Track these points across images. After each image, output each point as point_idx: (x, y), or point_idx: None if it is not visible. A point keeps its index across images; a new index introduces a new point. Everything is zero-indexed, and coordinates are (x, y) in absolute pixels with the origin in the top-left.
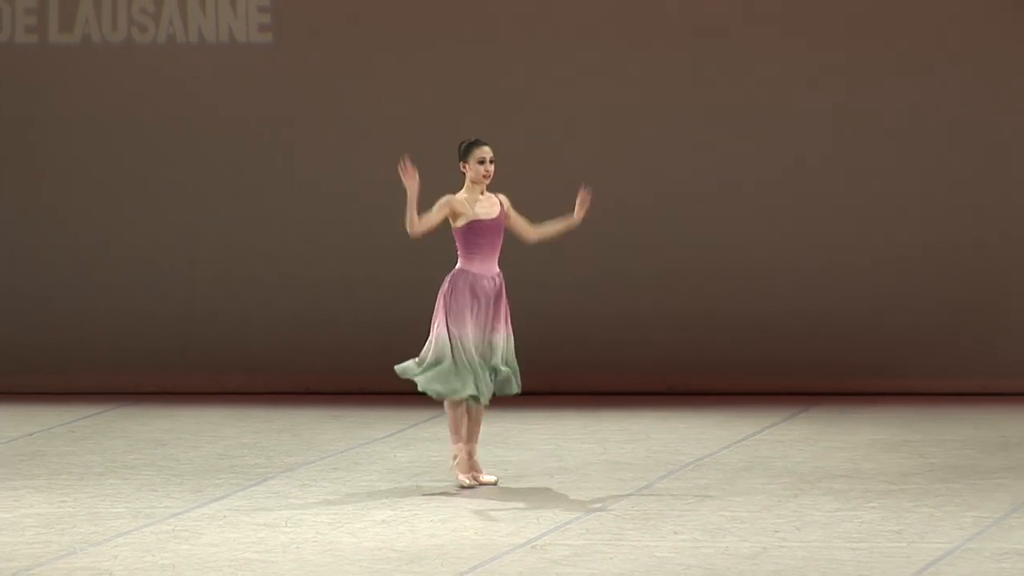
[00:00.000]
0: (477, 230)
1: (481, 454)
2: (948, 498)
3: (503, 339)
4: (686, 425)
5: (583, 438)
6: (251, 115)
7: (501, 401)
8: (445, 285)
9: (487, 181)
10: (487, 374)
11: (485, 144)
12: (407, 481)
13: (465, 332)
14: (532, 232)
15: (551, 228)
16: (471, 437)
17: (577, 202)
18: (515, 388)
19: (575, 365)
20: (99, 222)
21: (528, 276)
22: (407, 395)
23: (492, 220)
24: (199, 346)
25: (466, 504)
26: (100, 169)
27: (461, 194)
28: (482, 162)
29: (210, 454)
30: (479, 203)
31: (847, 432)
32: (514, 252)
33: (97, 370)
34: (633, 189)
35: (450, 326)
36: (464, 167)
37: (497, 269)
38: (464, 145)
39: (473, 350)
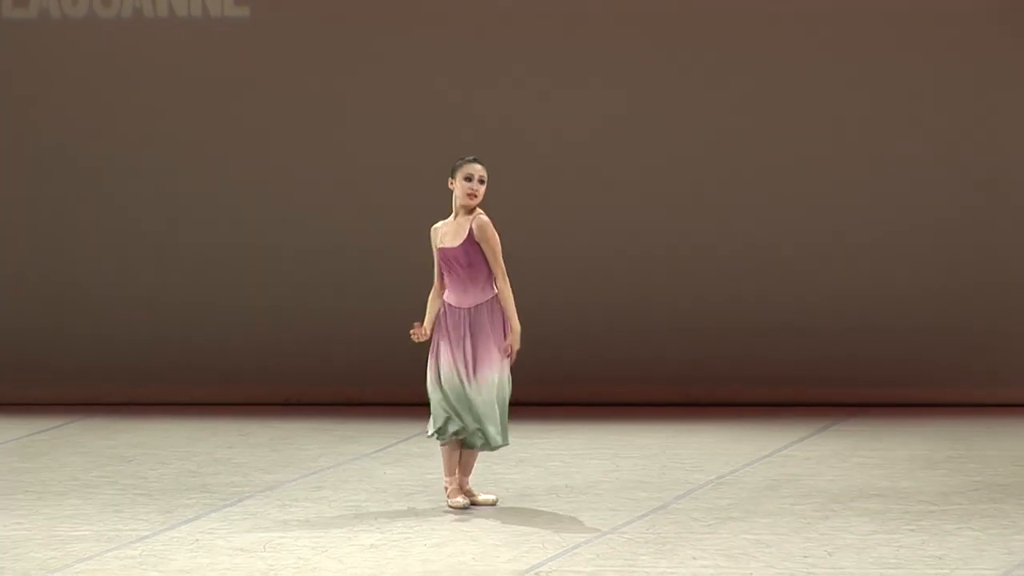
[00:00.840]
0: (444, 258)
1: (480, 471)
2: (995, 519)
3: (478, 386)
4: (706, 439)
5: (592, 454)
6: (224, 94)
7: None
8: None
9: (473, 202)
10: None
11: (477, 162)
12: (398, 501)
13: (440, 365)
14: (496, 282)
15: (505, 305)
16: (464, 469)
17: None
18: (480, 443)
19: (584, 374)
20: (58, 211)
21: (533, 276)
22: (397, 407)
23: (452, 248)
24: (168, 352)
25: (463, 527)
26: (60, 159)
27: (445, 221)
28: (469, 179)
29: (180, 471)
30: (449, 232)
31: (883, 447)
32: (519, 254)
33: (55, 379)
34: (650, 192)
35: (430, 358)
36: (451, 184)
37: (475, 301)
38: (456, 162)
39: (447, 385)
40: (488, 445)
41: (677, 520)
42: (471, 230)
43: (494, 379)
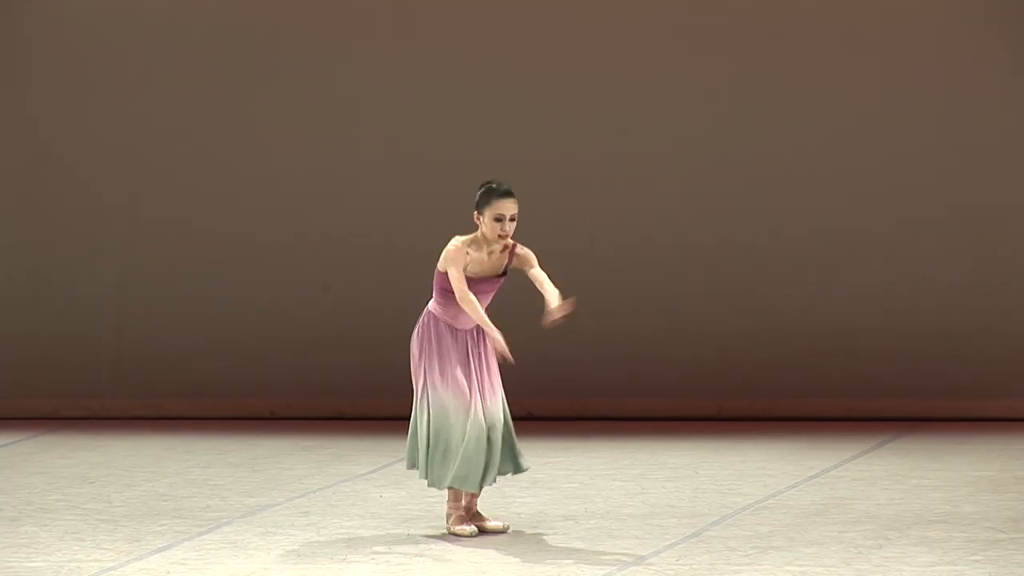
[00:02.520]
0: (473, 286)
1: (488, 493)
2: None
3: (503, 407)
4: (743, 458)
5: (615, 474)
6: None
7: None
8: (417, 330)
9: (503, 242)
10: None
11: (508, 196)
12: (395, 528)
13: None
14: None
15: (545, 288)
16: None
17: (560, 304)
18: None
19: (605, 385)
20: (16, 211)
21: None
22: (393, 421)
23: (491, 281)
24: (134, 360)
25: (470, 557)
26: (26, 156)
27: (469, 241)
28: (499, 220)
29: (149, 494)
30: (483, 264)
31: (944, 467)
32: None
33: (8, 391)
34: (680, 194)
35: (427, 385)
36: (477, 218)
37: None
38: (482, 192)
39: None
40: (519, 468)
41: (711, 550)
42: (511, 259)
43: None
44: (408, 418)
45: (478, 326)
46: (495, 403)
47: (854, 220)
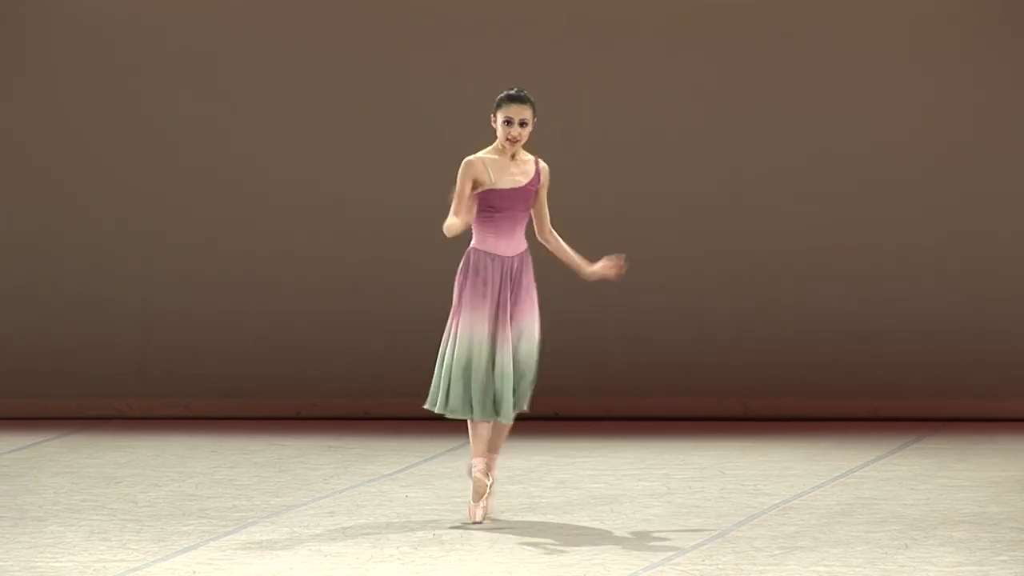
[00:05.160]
0: (502, 198)
1: (514, 493)
2: None
3: (528, 340)
4: (770, 458)
5: (641, 474)
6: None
7: (539, 429)
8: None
9: (513, 147)
10: (506, 382)
11: (517, 100)
12: (421, 528)
13: (478, 329)
14: (548, 235)
15: (567, 254)
16: (492, 447)
17: (606, 261)
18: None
19: (631, 385)
20: (36, 210)
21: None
22: (420, 421)
23: (519, 188)
24: (161, 361)
25: (495, 558)
26: (42, 159)
27: (487, 153)
28: (508, 123)
29: (175, 494)
30: (506, 171)
31: (970, 467)
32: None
33: (35, 391)
34: (702, 192)
35: (460, 322)
36: (493, 121)
37: (521, 248)
38: (499, 96)
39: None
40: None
41: (737, 550)
42: (539, 172)
43: (537, 334)
44: (435, 419)
45: (517, 259)
46: (502, 337)
47: (878, 222)
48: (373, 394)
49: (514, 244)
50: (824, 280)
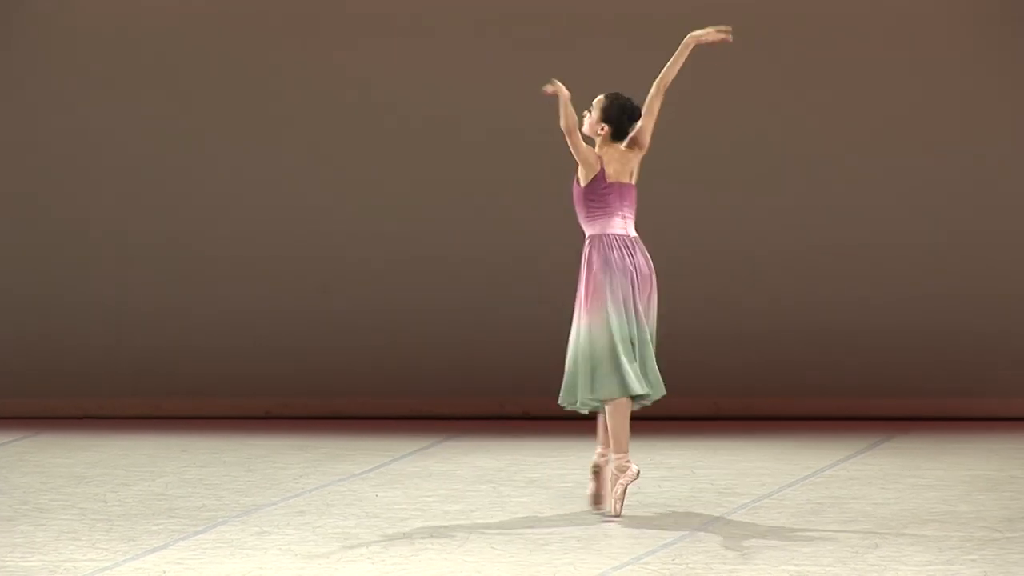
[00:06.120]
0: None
1: (484, 493)
2: None
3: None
4: (740, 458)
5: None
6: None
7: (511, 428)
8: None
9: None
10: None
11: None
12: (391, 527)
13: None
14: (659, 93)
15: (673, 66)
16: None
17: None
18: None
19: None
20: (5, 210)
21: (542, 276)
22: (390, 420)
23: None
24: (130, 360)
25: (465, 557)
26: (14, 157)
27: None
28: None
29: (145, 493)
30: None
31: (939, 466)
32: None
33: (4, 390)
34: (671, 194)
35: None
36: (602, 129)
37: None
38: (628, 110)
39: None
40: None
41: (707, 549)
42: (635, 144)
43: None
44: (405, 418)
45: (629, 243)
46: (598, 321)
47: (840, 224)
48: (343, 394)
49: (631, 226)
50: (793, 282)
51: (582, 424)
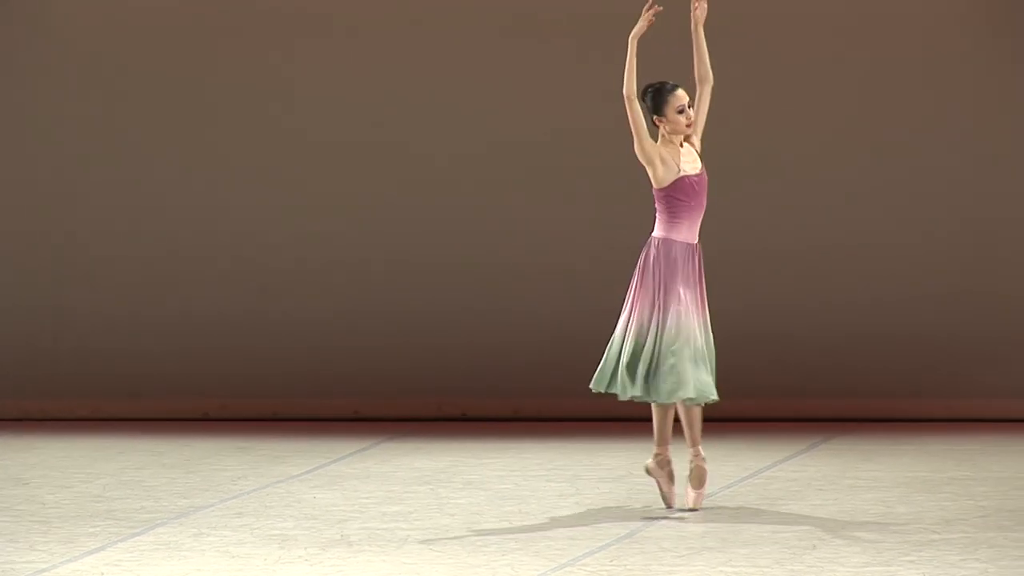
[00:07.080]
0: (689, 186)
1: (421, 495)
2: (1005, 550)
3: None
4: (677, 459)
5: (550, 475)
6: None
7: (448, 430)
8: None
9: (686, 132)
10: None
11: (678, 87)
12: (329, 529)
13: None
14: (705, 80)
15: (701, 53)
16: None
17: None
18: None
19: (540, 386)
20: None
21: (476, 277)
22: (328, 422)
23: (699, 175)
24: (68, 360)
25: (402, 559)
26: None
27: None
28: (682, 111)
29: (83, 495)
30: (678, 153)
31: (877, 468)
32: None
33: None
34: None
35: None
36: (659, 122)
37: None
38: (654, 94)
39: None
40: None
41: (644, 551)
42: (693, 142)
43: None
44: (344, 420)
45: (693, 249)
46: (662, 320)
47: (787, 230)
48: (281, 395)
49: (695, 234)
50: (731, 287)
51: (522, 427)
